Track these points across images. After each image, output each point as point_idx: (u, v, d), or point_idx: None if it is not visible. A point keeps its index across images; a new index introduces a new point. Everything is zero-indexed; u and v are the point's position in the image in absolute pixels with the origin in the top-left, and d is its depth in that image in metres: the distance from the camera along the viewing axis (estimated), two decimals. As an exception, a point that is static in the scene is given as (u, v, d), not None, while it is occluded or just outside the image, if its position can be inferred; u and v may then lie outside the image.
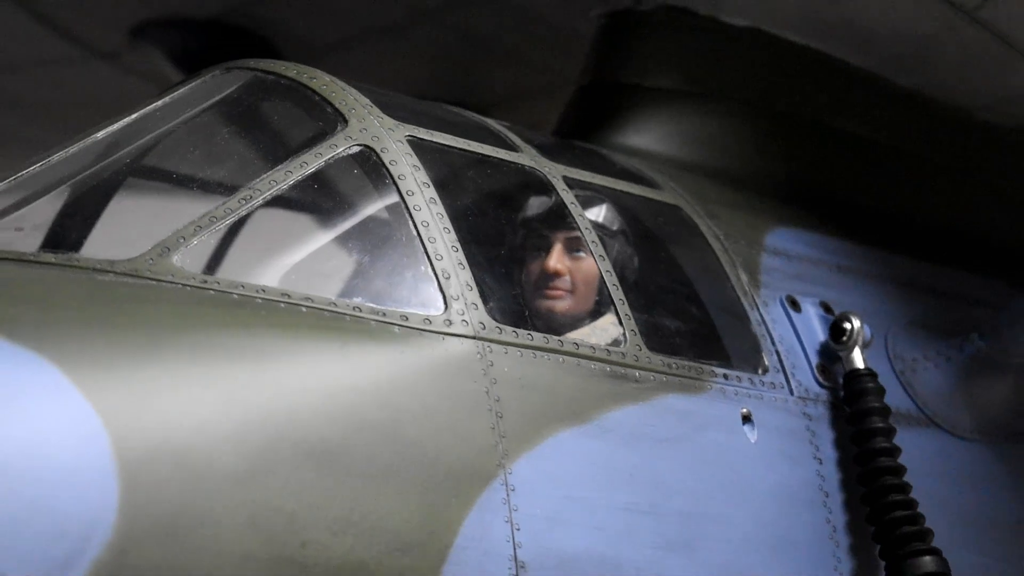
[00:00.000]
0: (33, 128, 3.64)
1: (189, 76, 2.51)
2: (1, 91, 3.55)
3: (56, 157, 2.20)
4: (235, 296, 1.94)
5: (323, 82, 2.20)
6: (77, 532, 1.65)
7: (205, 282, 1.94)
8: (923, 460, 2.29)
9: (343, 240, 2.11)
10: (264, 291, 1.97)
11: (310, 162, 2.06)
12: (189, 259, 1.97)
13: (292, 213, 2.20)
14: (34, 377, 1.69)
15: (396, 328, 1.99)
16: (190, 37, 2.99)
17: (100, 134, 2.25)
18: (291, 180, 2.05)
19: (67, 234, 2.16)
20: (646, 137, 2.45)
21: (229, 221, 2.03)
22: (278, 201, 2.08)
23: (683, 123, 2.49)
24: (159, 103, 2.27)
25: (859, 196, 2.58)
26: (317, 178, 2.07)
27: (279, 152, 2.11)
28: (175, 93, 2.29)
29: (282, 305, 1.96)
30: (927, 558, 2.13)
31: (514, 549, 1.95)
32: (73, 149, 2.22)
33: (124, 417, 1.73)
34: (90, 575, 1.64)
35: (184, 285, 1.93)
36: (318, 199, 2.10)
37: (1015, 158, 2.68)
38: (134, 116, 2.26)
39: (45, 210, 2.18)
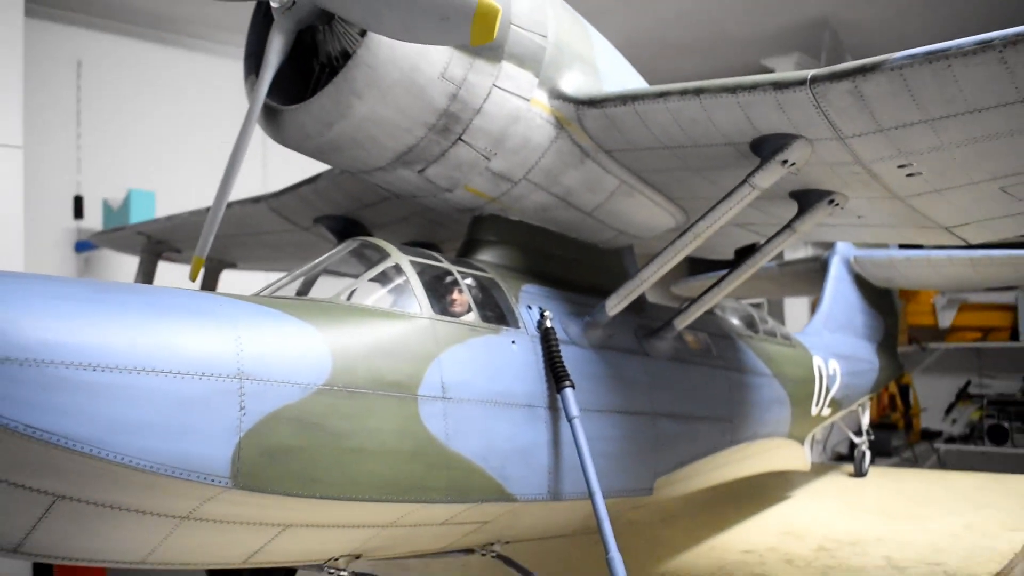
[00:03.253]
0: (279, 258, 3.81)
1: (340, 242, 2.56)
2: (259, 245, 3.67)
3: (303, 267, 2.31)
4: (354, 306, 2.03)
5: (382, 242, 2.26)
6: (319, 372, 1.78)
7: (350, 304, 2.05)
8: (572, 356, 2.37)
9: (388, 292, 2.15)
10: (362, 304, 2.06)
11: (379, 268, 2.18)
12: (344, 299, 2.08)
13: (374, 284, 2.19)
14: (301, 328, 1.83)
15: (406, 316, 2.07)
16: (336, 222, 3.15)
17: (316, 260, 2.33)
18: (371, 275, 2.17)
19: (304, 291, 2.25)
20: (488, 256, 2.58)
21: (353, 289, 2.13)
22: (370, 280, 2.17)
23: (498, 251, 2.59)
24: (331, 252, 2.35)
25: (556, 275, 2.65)
26: (380, 275, 2.17)
27: (368, 266, 2.21)
28: (336, 248, 2.36)
29: (367, 310, 2.04)
30: (567, 381, 2.20)
31: (442, 380, 2.03)
32: (306, 266, 2.31)
33: (332, 340, 1.86)
34: (327, 378, 1.79)
35: (342, 304, 2.03)
36: (382, 281, 2.18)
37: (607, 260, 2.82)
38: (324, 256, 2.34)
39: (298, 285, 2.27)
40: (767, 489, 4.30)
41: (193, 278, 2.17)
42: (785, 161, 2.08)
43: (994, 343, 8.64)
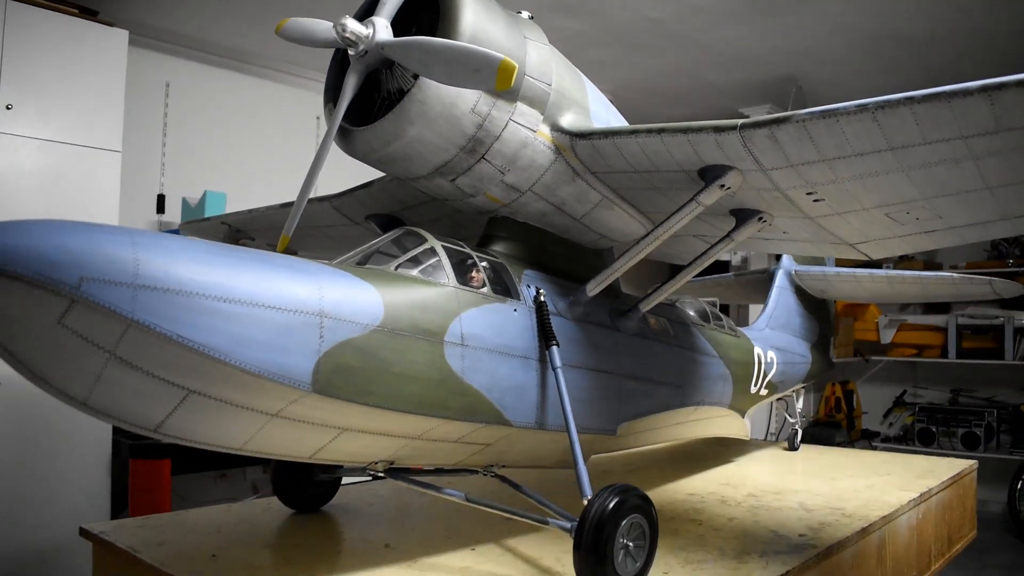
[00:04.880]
0: (333, 248, 3.73)
1: (388, 231, 2.68)
2: (320, 236, 3.66)
3: (360, 248, 2.37)
4: (400, 274, 2.15)
5: (422, 231, 2.34)
6: (375, 317, 1.94)
7: (397, 272, 2.16)
8: (558, 324, 2.44)
9: (425, 268, 2.22)
10: (408, 274, 2.16)
11: (417, 250, 2.26)
12: (392, 269, 2.18)
13: (410, 264, 2.22)
14: (363, 286, 1.96)
15: (438, 284, 2.17)
16: (383, 220, 3.19)
17: (371, 243, 2.40)
18: (411, 254, 2.24)
19: (363, 263, 2.28)
20: (499, 247, 2.60)
21: (397, 263, 2.21)
22: (407, 259, 2.23)
23: (507, 244, 2.62)
24: (382, 237, 2.42)
25: (551, 265, 2.66)
26: (420, 255, 2.25)
27: (410, 247, 2.29)
28: (386, 235, 2.42)
29: (412, 279, 2.14)
30: (554, 341, 2.32)
31: (461, 331, 2.15)
32: (363, 247, 2.37)
33: (385, 296, 2.00)
34: (380, 322, 1.94)
35: (392, 272, 2.15)
36: (420, 259, 2.25)
37: (591, 257, 2.82)
38: (377, 239, 2.41)
39: (357, 259, 2.30)
40: (714, 455, 4.59)
41: (280, 251, 2.23)
42: (723, 185, 2.25)
43: (927, 359, 9.01)
